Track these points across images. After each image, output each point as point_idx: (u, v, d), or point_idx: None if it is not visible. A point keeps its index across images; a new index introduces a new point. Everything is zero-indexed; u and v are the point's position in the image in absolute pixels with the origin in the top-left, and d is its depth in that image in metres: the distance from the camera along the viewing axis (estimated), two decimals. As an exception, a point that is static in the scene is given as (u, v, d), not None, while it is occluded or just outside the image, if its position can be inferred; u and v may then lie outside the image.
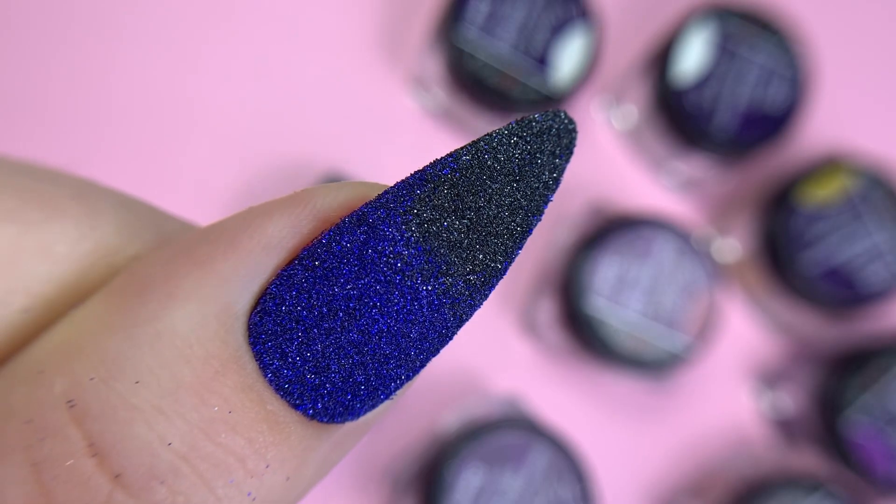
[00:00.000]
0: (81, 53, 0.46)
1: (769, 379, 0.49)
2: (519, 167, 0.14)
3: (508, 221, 0.14)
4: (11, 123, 0.45)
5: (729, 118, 0.45)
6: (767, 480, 0.43)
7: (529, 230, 0.14)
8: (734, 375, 0.49)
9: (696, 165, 0.47)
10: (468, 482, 0.39)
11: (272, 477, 0.14)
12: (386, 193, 0.14)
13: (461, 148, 0.14)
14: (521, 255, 0.54)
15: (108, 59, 0.46)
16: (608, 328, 0.43)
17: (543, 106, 0.43)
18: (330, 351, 0.14)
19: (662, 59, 0.46)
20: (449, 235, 0.14)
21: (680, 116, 0.45)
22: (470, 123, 0.47)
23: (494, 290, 0.15)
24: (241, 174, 0.46)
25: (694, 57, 0.45)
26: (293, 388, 0.14)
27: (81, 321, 0.14)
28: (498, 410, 0.43)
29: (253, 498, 0.13)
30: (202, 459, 0.13)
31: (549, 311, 0.45)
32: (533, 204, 0.14)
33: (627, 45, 0.50)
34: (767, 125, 0.45)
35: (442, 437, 0.42)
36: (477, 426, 0.40)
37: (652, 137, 0.48)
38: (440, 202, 0.14)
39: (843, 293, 0.45)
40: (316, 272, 0.14)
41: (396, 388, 0.14)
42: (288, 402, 0.14)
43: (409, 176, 0.14)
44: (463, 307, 0.14)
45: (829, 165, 0.46)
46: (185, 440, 0.13)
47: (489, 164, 0.14)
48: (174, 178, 0.46)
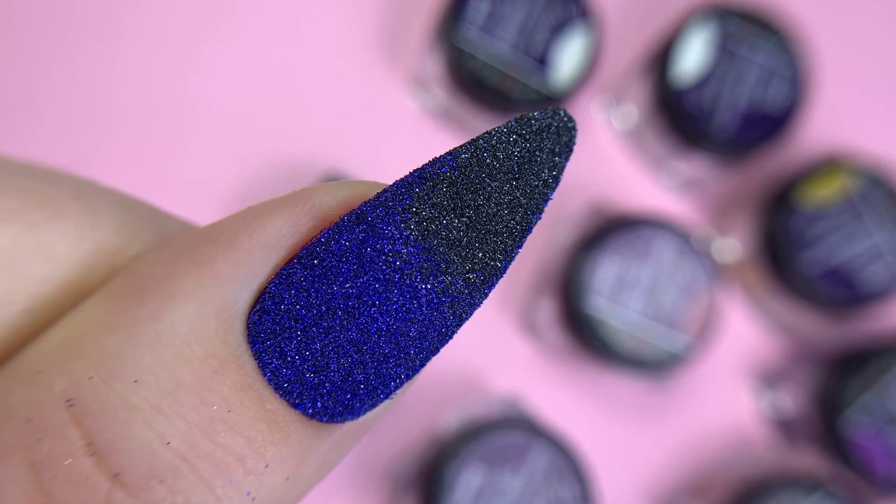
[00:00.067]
0: (81, 53, 0.46)
1: (769, 379, 0.49)
2: (518, 165, 0.14)
3: (508, 220, 0.14)
4: (11, 123, 0.45)
5: (729, 118, 0.45)
6: (767, 480, 0.43)
7: (529, 229, 0.14)
8: (734, 375, 0.49)
9: (696, 165, 0.47)
10: (468, 482, 0.39)
11: (272, 476, 0.13)
12: (385, 192, 0.14)
13: (460, 146, 0.14)
14: (521, 255, 0.54)
15: (108, 59, 0.46)
16: (608, 328, 0.43)
17: (543, 106, 0.43)
18: (329, 350, 0.14)
19: (662, 59, 0.46)
20: (448, 234, 0.14)
21: (680, 116, 0.45)
22: (470, 123, 0.47)
23: (494, 289, 0.15)
24: (241, 174, 0.46)
25: (694, 57, 0.45)
26: (292, 387, 0.14)
27: (81, 321, 0.14)
28: (498, 410, 0.43)
29: (252, 497, 0.13)
30: (201, 459, 0.13)
31: (549, 311, 0.45)
32: (532, 202, 0.14)
33: (627, 45, 0.50)
34: (767, 125, 0.45)
35: (442, 437, 0.42)
36: (477, 426, 0.40)
37: (652, 137, 0.48)
38: (439, 200, 0.14)
39: (843, 293, 0.45)
40: (315, 271, 0.14)
41: (396, 387, 0.14)
42: (287, 401, 0.14)
43: (408, 174, 0.14)
44: (462, 306, 0.14)
45: (829, 165, 0.46)
46: (184, 439, 0.13)
47: (488, 162, 0.14)
48: (174, 178, 0.46)
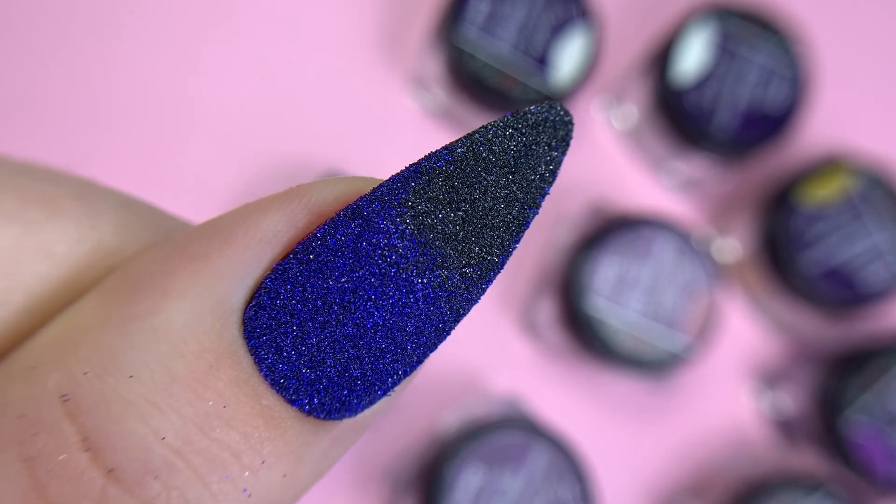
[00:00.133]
0: (81, 53, 0.46)
1: (769, 379, 0.49)
2: (515, 159, 0.14)
3: (504, 214, 0.14)
4: (11, 123, 0.45)
5: (729, 118, 0.45)
6: (767, 480, 0.43)
7: (526, 223, 0.14)
8: (734, 375, 0.49)
9: (696, 165, 0.47)
10: (468, 482, 0.39)
11: (268, 473, 0.13)
12: (381, 186, 0.14)
13: (456, 140, 0.14)
14: (521, 255, 0.54)
15: (108, 59, 0.46)
16: (608, 328, 0.43)
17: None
18: (325, 345, 0.14)
19: (662, 59, 0.46)
20: (444, 227, 0.14)
21: (680, 116, 0.45)
22: (470, 123, 0.47)
23: (492, 286, 0.15)
24: (241, 174, 0.46)
25: (694, 57, 0.45)
26: (288, 382, 0.14)
27: (76, 317, 0.14)
28: (498, 410, 0.43)
29: (249, 494, 0.13)
30: (197, 454, 0.13)
31: (549, 311, 0.45)
32: (529, 196, 0.14)
33: (627, 45, 0.50)
34: (767, 125, 0.45)
35: (442, 437, 0.42)
36: (477, 426, 0.40)
37: (652, 137, 0.48)
38: (435, 194, 0.14)
39: (843, 293, 0.45)
40: (310, 265, 0.14)
41: (394, 383, 0.14)
42: (283, 397, 0.14)
43: (403, 169, 0.14)
44: (459, 301, 0.14)
45: (829, 165, 0.46)
46: (179, 435, 0.13)
47: (484, 155, 0.14)
48: (174, 178, 0.46)
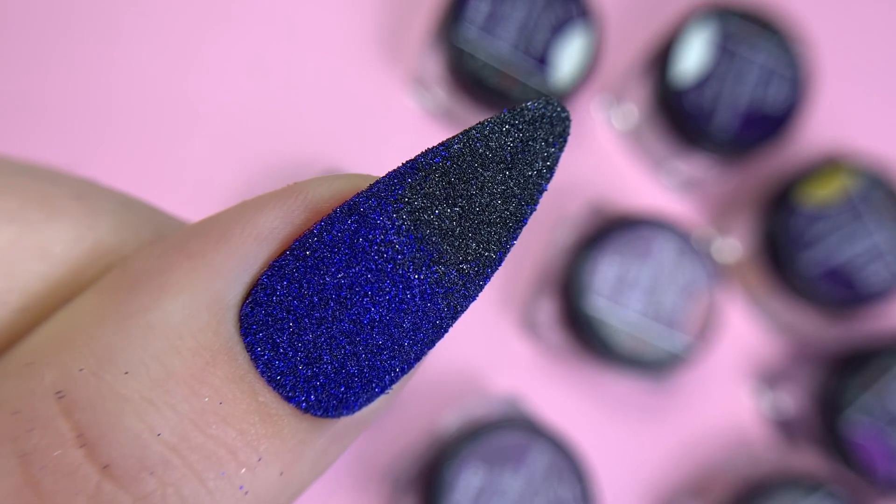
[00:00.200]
0: (81, 53, 0.46)
1: (769, 379, 0.49)
2: (511, 155, 0.14)
3: (501, 210, 0.14)
4: (11, 123, 0.45)
5: (729, 118, 0.45)
6: (767, 480, 0.43)
7: (524, 220, 0.14)
8: (734, 375, 0.49)
9: (696, 165, 0.47)
10: (468, 482, 0.39)
11: (265, 471, 0.13)
12: (377, 183, 0.14)
13: (453, 137, 0.14)
14: (521, 255, 0.54)
15: (107, 58, 0.46)
16: (608, 328, 0.43)
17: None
18: (321, 341, 0.14)
19: (662, 58, 0.45)
20: (440, 223, 0.14)
21: (680, 116, 0.45)
22: (470, 123, 0.47)
23: (492, 286, 0.15)
24: (241, 174, 0.46)
25: (694, 57, 0.45)
26: (285, 379, 0.14)
27: (73, 315, 0.14)
28: (498, 410, 0.43)
29: (245, 492, 0.13)
30: (193, 451, 0.13)
31: (549, 311, 0.45)
32: (526, 193, 0.14)
33: (627, 45, 0.50)
34: (767, 125, 0.45)
35: (442, 437, 0.42)
36: (477, 426, 0.40)
37: (652, 137, 0.48)
38: (431, 190, 0.14)
39: (843, 293, 0.45)
40: (307, 262, 0.14)
41: (392, 381, 0.14)
42: (280, 394, 0.14)
43: (400, 165, 0.14)
44: (457, 297, 0.14)
45: (829, 165, 0.46)
46: (175, 431, 0.13)
47: (481, 151, 0.14)
48: (174, 177, 0.46)
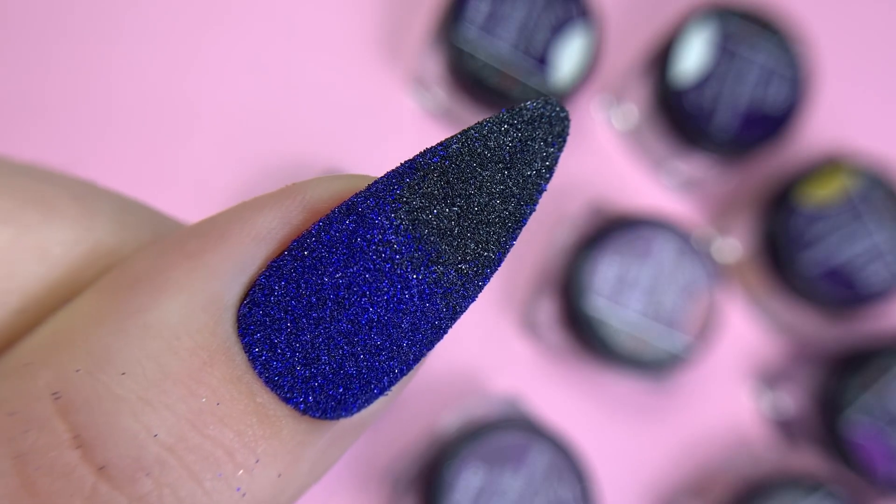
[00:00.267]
0: (80, 53, 0.46)
1: (769, 379, 0.49)
2: (510, 155, 0.14)
3: (500, 210, 0.14)
4: (10, 124, 0.45)
5: (729, 118, 0.45)
6: (767, 480, 0.43)
7: (523, 220, 0.14)
8: (734, 375, 0.49)
9: (696, 165, 0.47)
10: (468, 482, 0.39)
11: (263, 472, 0.13)
12: (376, 183, 0.14)
13: (451, 136, 0.14)
14: (521, 255, 0.54)
15: (107, 59, 0.46)
16: (608, 328, 0.43)
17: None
18: (319, 341, 0.14)
19: (663, 58, 0.45)
20: (439, 223, 0.14)
21: (680, 116, 0.45)
22: (470, 123, 0.47)
23: (493, 286, 0.15)
24: (241, 174, 0.46)
25: (694, 57, 0.45)
26: (283, 380, 0.13)
27: (70, 316, 0.14)
28: (498, 410, 0.43)
29: (243, 493, 0.13)
30: (189, 451, 0.13)
31: (549, 311, 0.45)
32: (525, 192, 0.14)
33: (627, 45, 0.50)
34: (767, 125, 0.45)
35: (442, 437, 0.42)
36: (477, 426, 0.40)
37: (652, 137, 0.48)
38: (429, 190, 0.14)
39: (843, 293, 0.45)
40: (305, 262, 0.14)
41: (391, 382, 0.14)
42: (278, 395, 0.13)
43: (399, 165, 0.14)
44: (456, 298, 0.14)
45: (829, 165, 0.46)
46: (171, 431, 0.13)
47: (479, 151, 0.14)
48: (174, 178, 0.46)
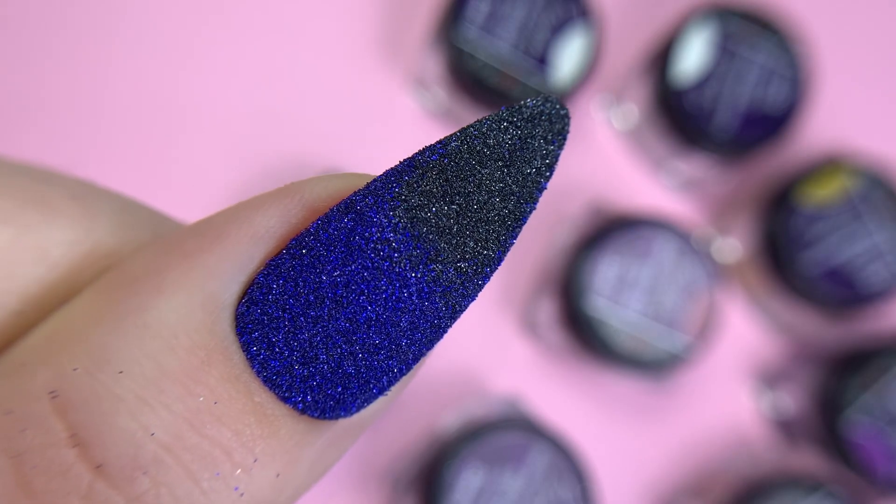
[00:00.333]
0: (81, 54, 0.46)
1: (769, 379, 0.49)
2: (510, 152, 0.14)
3: (500, 208, 0.14)
4: (10, 124, 0.45)
5: (729, 118, 0.45)
6: (767, 480, 0.43)
7: (523, 218, 0.14)
8: (734, 375, 0.49)
9: (696, 165, 0.47)
10: (468, 482, 0.39)
11: (261, 472, 0.13)
12: (375, 181, 0.14)
13: (451, 134, 0.14)
14: (521, 255, 0.54)
15: (107, 59, 0.46)
16: (608, 328, 0.43)
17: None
18: (317, 340, 0.14)
19: (663, 58, 0.45)
20: (437, 221, 0.14)
21: (680, 116, 0.45)
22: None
23: (493, 286, 0.15)
24: (241, 174, 0.46)
25: (694, 57, 0.45)
26: (281, 379, 0.13)
27: (68, 315, 0.14)
28: (498, 410, 0.43)
29: (241, 493, 0.13)
30: (187, 450, 0.13)
31: (549, 311, 0.45)
32: (525, 190, 0.14)
33: (627, 45, 0.50)
34: (767, 125, 0.45)
35: (442, 437, 0.42)
36: (477, 426, 0.40)
37: (652, 137, 0.48)
38: (428, 188, 0.14)
39: (843, 293, 0.45)
40: (303, 260, 0.14)
41: (390, 381, 0.14)
42: (276, 394, 0.13)
43: (398, 163, 0.14)
44: (455, 297, 0.14)
45: (829, 165, 0.46)
46: (169, 430, 0.13)
47: (478, 149, 0.14)
48: (174, 178, 0.46)
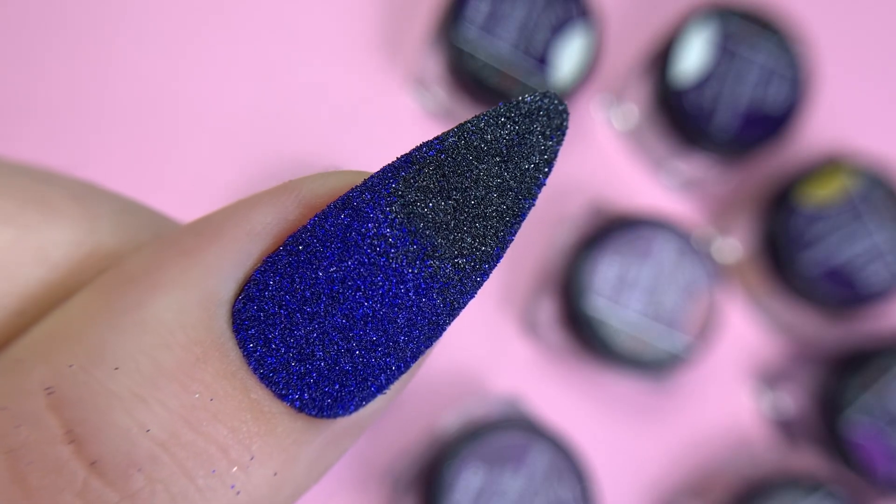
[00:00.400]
0: (80, 54, 0.46)
1: (769, 379, 0.49)
2: (507, 148, 0.14)
3: (498, 204, 0.14)
4: (10, 124, 0.45)
5: (729, 118, 0.45)
6: (767, 480, 0.43)
7: (521, 215, 0.14)
8: (734, 375, 0.49)
9: (696, 165, 0.47)
10: (468, 482, 0.39)
11: (258, 470, 0.13)
12: (372, 177, 0.14)
13: (448, 130, 0.14)
14: (521, 255, 0.54)
15: (107, 60, 0.46)
16: (608, 328, 0.43)
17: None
18: (314, 336, 0.13)
19: (663, 58, 0.45)
20: (434, 216, 0.14)
21: (680, 116, 0.45)
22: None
23: (492, 286, 0.14)
24: (241, 174, 0.46)
25: (694, 57, 0.45)
26: (278, 376, 0.13)
27: (66, 313, 0.14)
28: (498, 410, 0.43)
29: (237, 491, 0.13)
30: (182, 448, 0.13)
31: (549, 311, 0.45)
32: (524, 186, 0.14)
33: (627, 45, 0.50)
34: (767, 125, 0.45)
35: (442, 437, 0.42)
36: (477, 426, 0.40)
37: (652, 137, 0.48)
38: (425, 184, 0.14)
39: (843, 293, 0.45)
40: (300, 257, 0.14)
41: (388, 379, 0.14)
42: (273, 391, 0.13)
43: (395, 159, 0.14)
44: (453, 293, 0.14)
45: (829, 165, 0.46)
46: (164, 427, 0.12)
47: (475, 144, 0.14)
48: (174, 179, 0.46)
